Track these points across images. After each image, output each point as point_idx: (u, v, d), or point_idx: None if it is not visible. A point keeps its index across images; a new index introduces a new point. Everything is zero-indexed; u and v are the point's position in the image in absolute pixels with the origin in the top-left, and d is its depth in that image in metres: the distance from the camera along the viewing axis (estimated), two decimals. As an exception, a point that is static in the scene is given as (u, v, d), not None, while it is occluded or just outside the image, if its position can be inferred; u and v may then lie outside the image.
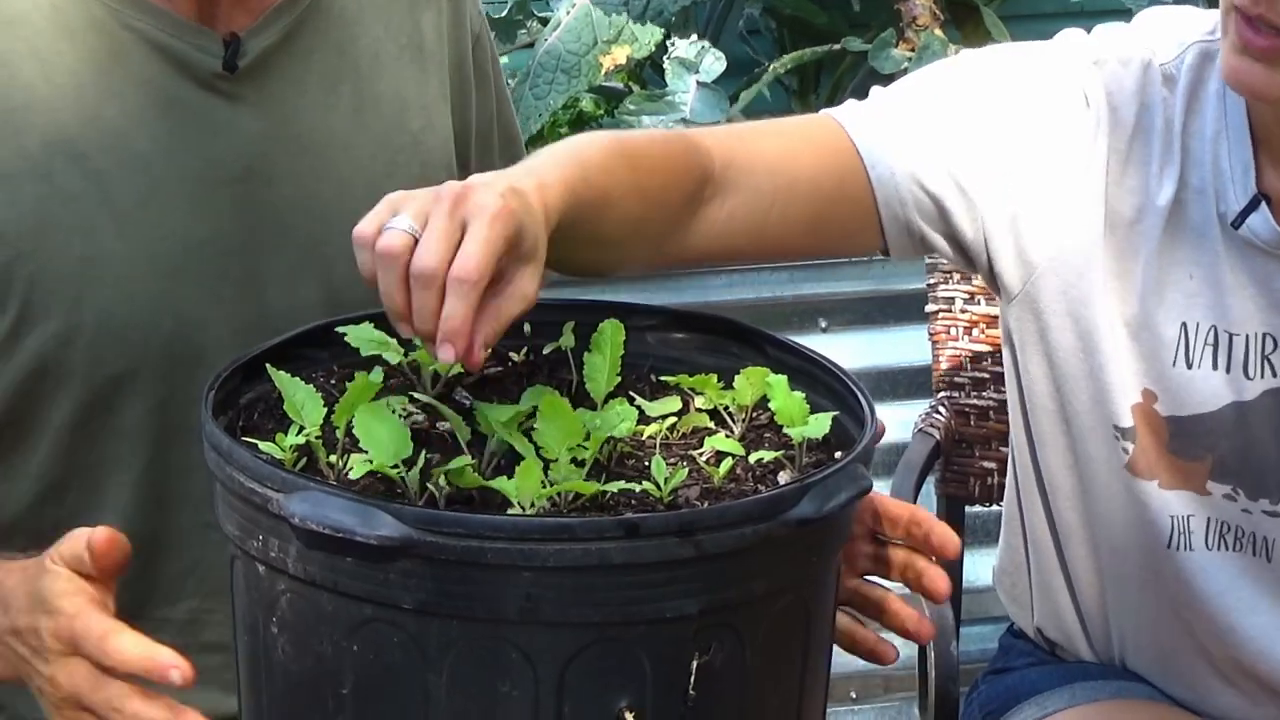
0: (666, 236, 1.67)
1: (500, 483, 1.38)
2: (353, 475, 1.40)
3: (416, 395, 1.53)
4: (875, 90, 1.86)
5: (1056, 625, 2.02)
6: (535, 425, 1.45)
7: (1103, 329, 1.82)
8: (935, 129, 1.82)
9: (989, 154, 1.81)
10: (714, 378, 1.56)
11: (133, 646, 1.46)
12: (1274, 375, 1.82)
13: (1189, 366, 1.82)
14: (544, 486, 1.38)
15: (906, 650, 3.00)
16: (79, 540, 1.49)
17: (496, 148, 1.96)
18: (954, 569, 2.39)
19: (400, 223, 1.38)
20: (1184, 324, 1.82)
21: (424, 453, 1.42)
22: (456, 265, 1.36)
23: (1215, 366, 1.82)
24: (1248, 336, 1.81)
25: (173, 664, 1.43)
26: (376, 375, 1.47)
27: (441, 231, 1.37)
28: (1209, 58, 1.81)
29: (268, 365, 1.50)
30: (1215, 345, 1.82)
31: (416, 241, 1.37)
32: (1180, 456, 1.84)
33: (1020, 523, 2.01)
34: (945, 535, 1.60)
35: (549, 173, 1.48)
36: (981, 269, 1.86)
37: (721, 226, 1.72)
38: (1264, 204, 1.78)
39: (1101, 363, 1.83)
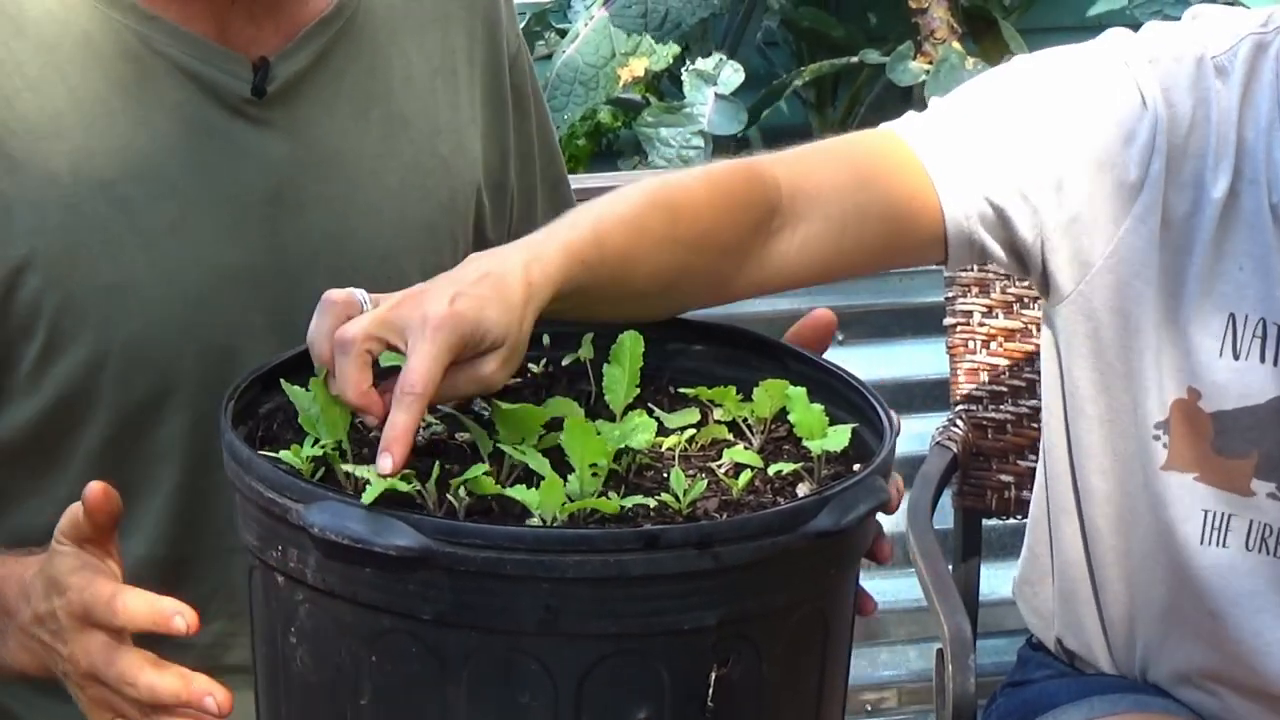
0: (729, 276, 1.66)
1: (519, 491, 1.38)
2: (365, 499, 1.38)
3: (437, 406, 1.53)
4: (934, 102, 1.86)
5: (1077, 635, 2.02)
6: (558, 439, 1.45)
7: (1151, 325, 1.83)
8: (998, 140, 1.81)
9: (1050, 159, 1.81)
10: (733, 390, 1.56)
11: (138, 603, 1.47)
12: None
13: (1236, 358, 1.83)
14: (566, 502, 1.38)
15: (923, 663, 3.02)
16: (74, 509, 1.52)
17: (539, 167, 1.95)
18: (971, 582, 2.40)
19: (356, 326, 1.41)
20: (1232, 315, 1.82)
21: (442, 463, 1.42)
22: (401, 380, 1.38)
23: (1263, 359, 1.82)
24: None
25: (175, 611, 1.44)
26: None
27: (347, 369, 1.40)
28: (1263, 49, 1.82)
29: (281, 380, 1.50)
30: (1264, 338, 1.82)
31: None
32: (1224, 454, 1.84)
33: (1047, 530, 2.01)
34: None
35: (550, 244, 1.47)
36: (1034, 272, 1.86)
37: (793, 257, 1.70)
38: None
39: (1149, 360, 1.83)
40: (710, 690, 1.36)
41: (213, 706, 1.44)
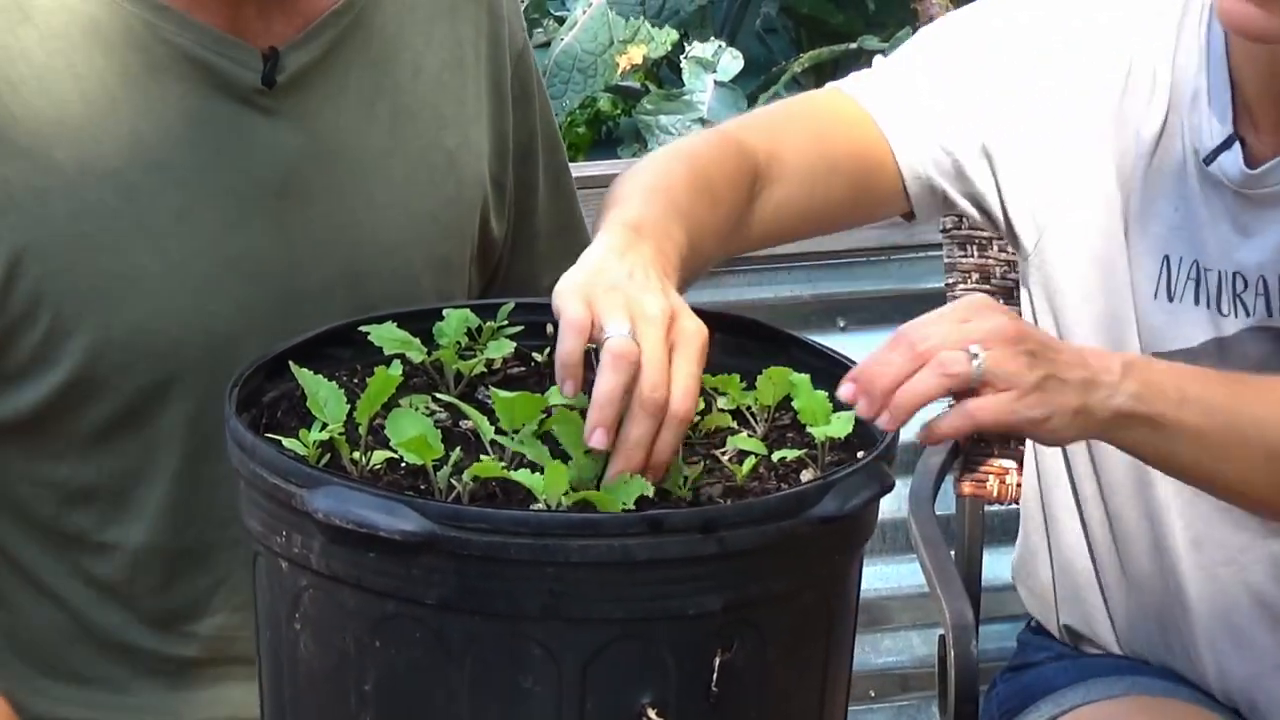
0: (728, 239, 1.72)
1: (523, 476, 1.38)
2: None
3: (439, 395, 1.53)
4: (879, 60, 1.89)
5: (1080, 612, 2.02)
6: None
7: (1098, 275, 1.84)
8: (950, 90, 1.85)
9: (1005, 113, 1.84)
10: (736, 378, 1.56)
11: None
12: (1247, 314, 1.82)
13: (1170, 300, 1.84)
14: (570, 491, 1.38)
15: (926, 649, 3.01)
16: None
17: (541, 160, 1.95)
18: (974, 567, 2.40)
19: (623, 328, 1.42)
20: (1166, 257, 1.83)
21: (447, 450, 1.42)
22: (676, 403, 1.41)
23: (1196, 301, 1.83)
24: (1220, 273, 1.82)
25: None
26: (396, 369, 1.48)
27: (662, 361, 1.42)
28: None
29: (291, 362, 1.51)
30: (1196, 280, 1.83)
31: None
32: None
33: (1040, 507, 2.01)
34: None
35: (671, 240, 1.56)
36: (1001, 227, 1.89)
37: (771, 216, 1.77)
38: (1237, 144, 1.78)
39: (1099, 309, 1.85)
40: (715, 675, 1.36)
41: None
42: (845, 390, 1.47)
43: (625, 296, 1.44)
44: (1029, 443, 2.02)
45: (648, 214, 1.57)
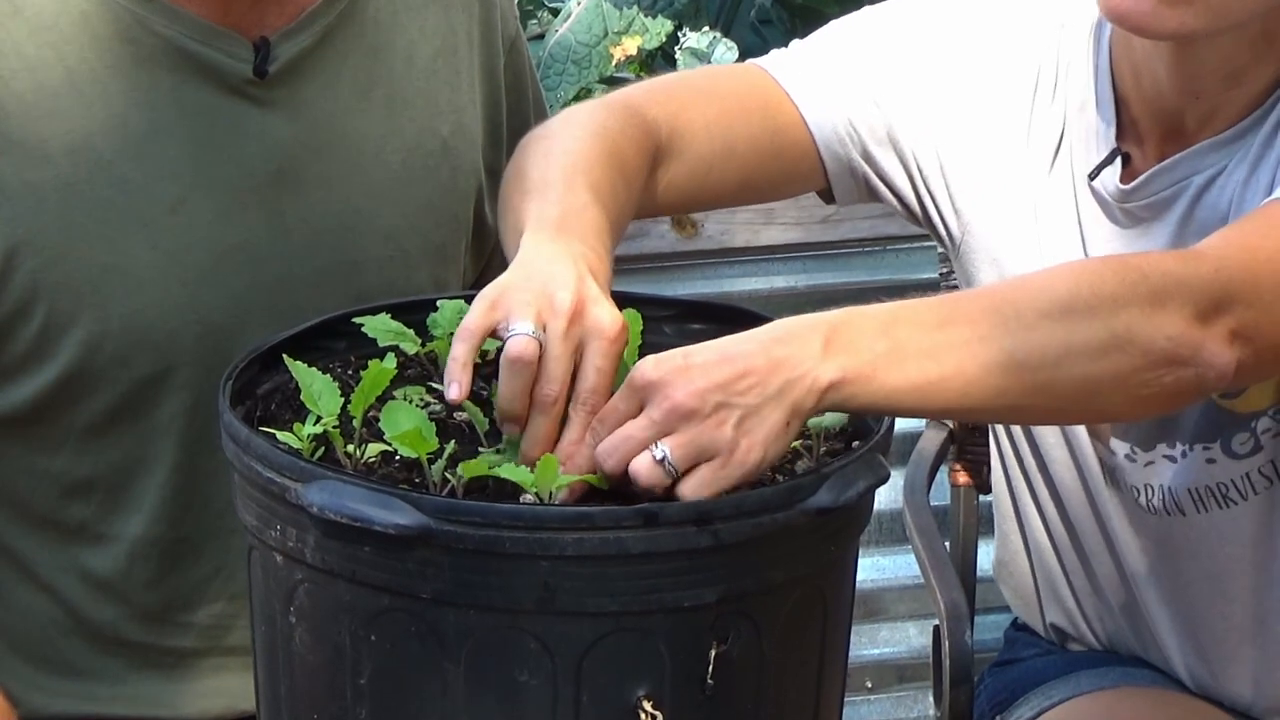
0: (637, 211, 1.72)
1: (509, 470, 1.38)
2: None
3: (434, 385, 1.53)
4: (796, 42, 1.88)
5: (1062, 610, 2.02)
6: None
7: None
8: (868, 72, 1.84)
9: (918, 102, 1.83)
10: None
11: None
12: None
13: None
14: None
15: (922, 640, 3.01)
16: None
17: None
18: (969, 557, 2.40)
19: (524, 328, 1.41)
20: None
21: (441, 443, 1.42)
22: (583, 396, 1.41)
23: None
24: None
25: None
26: (390, 361, 1.48)
27: (560, 357, 1.41)
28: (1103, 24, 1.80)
29: (284, 356, 1.50)
30: None
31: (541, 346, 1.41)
32: None
33: (1012, 509, 2.01)
34: None
35: (597, 233, 1.53)
36: (920, 218, 1.88)
37: (664, 188, 1.75)
38: (1119, 159, 1.77)
39: None
40: (710, 668, 1.36)
41: None
42: None
43: (534, 295, 1.43)
44: (991, 445, 2.01)
45: (571, 205, 1.56)
